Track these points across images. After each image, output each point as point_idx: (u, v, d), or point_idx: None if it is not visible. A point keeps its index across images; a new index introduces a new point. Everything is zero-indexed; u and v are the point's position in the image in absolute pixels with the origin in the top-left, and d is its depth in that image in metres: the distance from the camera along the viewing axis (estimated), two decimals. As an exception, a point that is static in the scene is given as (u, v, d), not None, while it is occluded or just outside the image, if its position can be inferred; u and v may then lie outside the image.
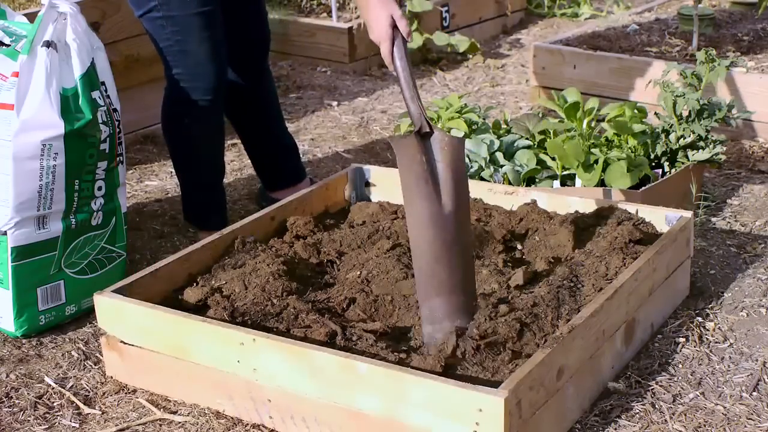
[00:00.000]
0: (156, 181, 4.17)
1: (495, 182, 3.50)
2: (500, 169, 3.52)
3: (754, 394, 2.67)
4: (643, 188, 3.36)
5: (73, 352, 2.99)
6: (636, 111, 3.70)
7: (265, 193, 3.89)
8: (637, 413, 2.61)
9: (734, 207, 3.75)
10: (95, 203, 3.13)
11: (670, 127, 3.64)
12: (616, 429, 2.56)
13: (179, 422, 2.65)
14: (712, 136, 3.64)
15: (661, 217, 3.11)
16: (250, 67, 3.63)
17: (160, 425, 2.65)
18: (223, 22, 3.38)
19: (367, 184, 3.56)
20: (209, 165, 3.54)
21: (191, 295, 2.86)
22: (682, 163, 3.57)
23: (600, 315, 2.62)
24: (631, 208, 3.16)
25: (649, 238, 3.01)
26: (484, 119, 3.75)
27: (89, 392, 2.81)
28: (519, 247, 3.08)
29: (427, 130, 2.68)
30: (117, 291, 2.80)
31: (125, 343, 2.78)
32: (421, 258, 2.63)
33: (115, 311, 2.76)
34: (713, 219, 3.65)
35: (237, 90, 3.63)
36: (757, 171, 4.05)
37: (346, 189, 3.54)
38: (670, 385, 2.72)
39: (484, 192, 3.35)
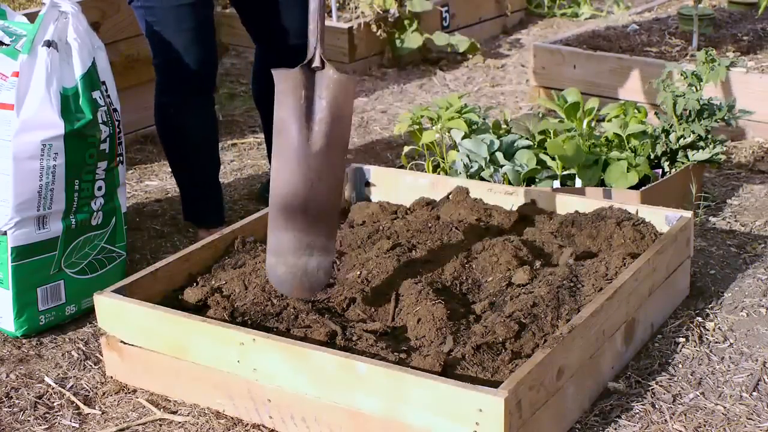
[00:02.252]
0: (156, 181, 4.17)
1: (495, 182, 3.50)
2: (500, 169, 3.53)
3: (754, 394, 2.67)
4: (643, 188, 3.36)
5: (73, 352, 2.99)
6: (636, 111, 3.70)
7: (267, 190, 3.89)
8: (637, 413, 2.61)
9: (734, 207, 3.75)
10: (95, 203, 3.13)
11: (670, 127, 3.64)
12: (616, 429, 2.56)
13: (179, 422, 2.65)
14: (712, 136, 3.64)
15: (661, 217, 3.11)
16: (285, 55, 3.63)
17: (160, 425, 2.65)
18: (257, 11, 3.37)
19: (367, 184, 3.56)
20: (201, 157, 3.53)
21: (191, 295, 2.86)
22: (682, 163, 3.57)
23: (600, 315, 2.62)
24: (631, 208, 3.16)
25: (649, 238, 3.01)
26: (484, 119, 3.75)
27: (89, 392, 2.81)
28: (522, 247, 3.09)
29: (318, 64, 2.65)
30: (117, 291, 2.80)
31: (125, 343, 2.78)
32: (277, 189, 2.63)
33: (115, 311, 2.76)
34: (713, 219, 3.65)
35: (268, 73, 3.65)
36: (757, 171, 4.05)
37: (346, 189, 3.54)
38: (670, 385, 2.72)
39: (484, 192, 3.35)
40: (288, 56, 3.60)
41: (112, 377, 2.85)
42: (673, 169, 3.56)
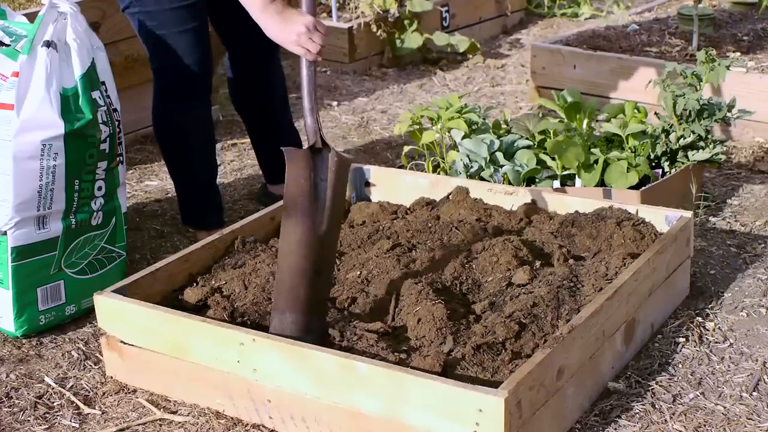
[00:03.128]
0: (156, 181, 4.17)
1: (495, 182, 3.50)
2: (500, 169, 3.53)
3: (754, 394, 2.67)
4: (643, 188, 3.36)
5: (73, 352, 2.99)
6: (636, 111, 3.70)
7: (266, 190, 3.89)
8: (637, 413, 2.61)
9: (734, 207, 3.75)
10: (95, 203, 3.13)
11: (670, 127, 3.64)
12: (616, 429, 2.56)
13: (179, 422, 2.65)
14: (712, 136, 3.63)
15: (661, 217, 3.11)
16: (261, 58, 3.64)
17: (160, 425, 2.65)
18: (232, 13, 3.38)
19: (367, 184, 3.56)
20: (199, 159, 3.53)
21: (191, 295, 2.86)
22: (682, 163, 3.57)
23: (600, 315, 2.62)
24: (631, 208, 3.16)
25: (649, 238, 3.01)
26: (484, 119, 3.75)
27: (89, 392, 2.81)
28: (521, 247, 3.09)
29: (320, 146, 2.68)
30: (117, 291, 2.80)
31: (125, 343, 2.78)
32: (285, 272, 2.64)
33: (115, 311, 2.76)
34: (713, 219, 3.65)
35: (246, 80, 3.65)
36: (757, 171, 4.05)
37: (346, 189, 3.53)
38: (670, 385, 2.72)
39: (484, 192, 3.35)
40: (260, 58, 3.62)
41: (112, 377, 2.85)
42: (673, 169, 3.56)
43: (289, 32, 2.74)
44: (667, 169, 3.58)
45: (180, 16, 3.28)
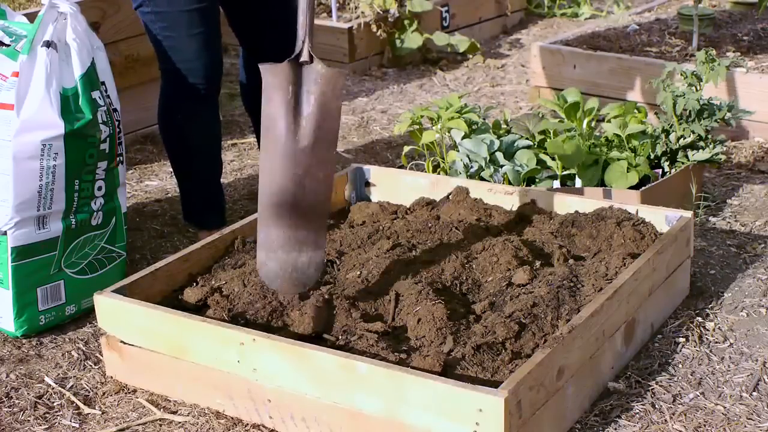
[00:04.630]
0: (156, 181, 4.17)
1: (495, 182, 3.50)
2: (500, 169, 3.53)
3: (754, 394, 2.67)
4: (643, 188, 3.36)
5: (73, 352, 2.99)
6: (636, 111, 3.70)
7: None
8: (637, 413, 2.61)
9: (734, 207, 3.75)
10: (95, 203, 3.13)
11: (670, 127, 3.64)
12: (616, 429, 2.56)
13: (179, 422, 2.65)
14: (712, 136, 3.63)
15: (661, 217, 3.11)
16: (273, 59, 3.62)
17: (160, 425, 2.65)
18: (250, 14, 3.37)
19: (367, 184, 3.56)
20: (204, 161, 3.53)
21: (191, 295, 2.86)
22: (682, 163, 3.57)
23: (600, 315, 2.62)
24: (631, 208, 3.16)
25: (649, 238, 3.01)
26: (484, 119, 3.75)
27: (89, 392, 2.81)
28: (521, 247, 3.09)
29: (306, 59, 2.64)
30: (117, 291, 2.80)
31: (125, 343, 2.78)
32: (266, 186, 2.63)
33: (115, 311, 2.76)
34: (713, 219, 3.65)
35: (257, 81, 3.64)
36: (757, 171, 4.05)
37: (346, 189, 3.54)
38: (670, 385, 2.72)
39: (484, 192, 3.35)
40: (273, 59, 3.60)
41: (112, 377, 2.85)
42: (673, 169, 3.56)
43: None
44: (667, 169, 3.58)
45: (192, 18, 3.26)
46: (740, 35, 5.10)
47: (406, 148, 3.87)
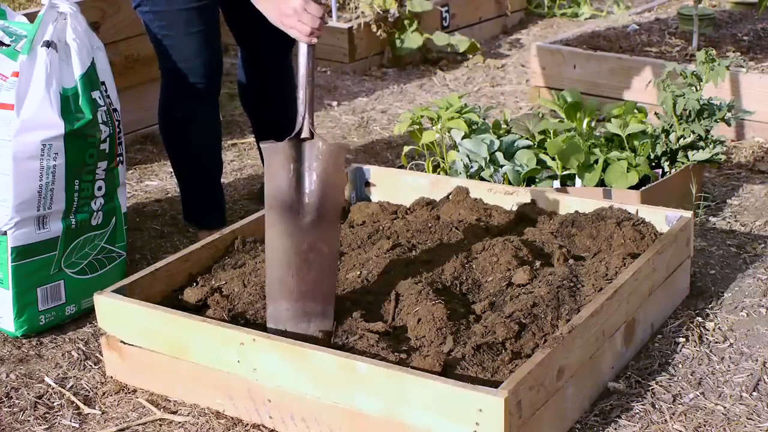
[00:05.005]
0: (156, 181, 4.17)
1: (495, 182, 3.50)
2: (500, 169, 3.53)
3: (754, 394, 2.67)
4: (643, 188, 3.36)
5: (73, 352, 2.99)
6: (636, 111, 3.70)
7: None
8: (637, 413, 2.61)
9: (734, 207, 3.75)
10: (95, 203, 3.13)
11: (670, 127, 3.64)
12: (616, 429, 2.56)
13: (179, 422, 2.65)
14: (712, 136, 3.63)
15: (661, 217, 3.11)
16: (275, 60, 3.63)
17: (160, 425, 2.65)
18: (248, 14, 3.37)
19: (367, 184, 3.56)
20: (204, 161, 3.53)
21: (191, 295, 2.86)
22: (682, 163, 3.57)
23: (600, 315, 2.62)
24: (631, 208, 3.16)
25: (649, 238, 3.01)
26: (484, 119, 3.75)
27: (89, 392, 2.81)
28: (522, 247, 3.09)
29: (307, 135, 2.68)
30: (117, 291, 2.80)
31: (125, 343, 2.78)
32: (272, 262, 2.67)
33: (115, 311, 2.76)
34: (713, 219, 3.65)
35: (258, 81, 3.64)
36: (757, 171, 4.05)
37: (346, 189, 3.53)
38: (670, 385, 2.72)
39: (484, 192, 3.35)
40: (273, 59, 3.61)
41: (112, 377, 2.85)
42: (673, 169, 3.56)
43: (279, 12, 2.73)
44: (667, 169, 3.58)
45: (190, 17, 3.27)
46: (740, 35, 5.10)
47: (406, 148, 3.86)
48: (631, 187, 3.39)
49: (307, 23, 2.69)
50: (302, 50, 2.69)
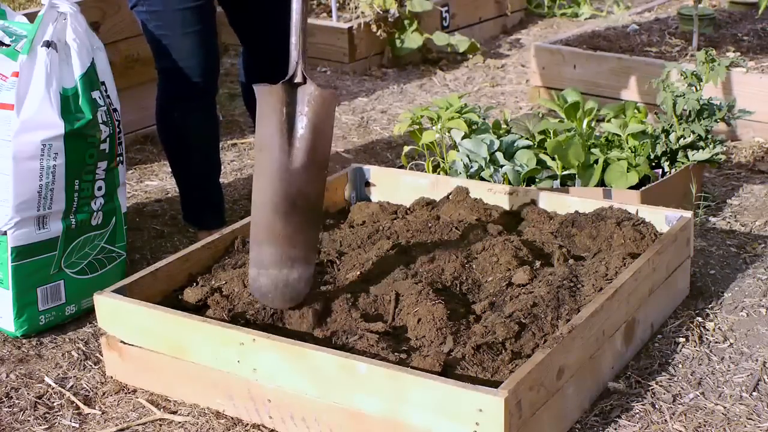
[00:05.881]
0: (156, 181, 4.17)
1: (495, 182, 3.50)
2: (500, 169, 3.53)
3: (754, 394, 2.67)
4: (643, 188, 3.36)
5: (73, 352, 2.99)
6: (636, 111, 3.70)
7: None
8: (637, 413, 2.61)
9: (734, 207, 3.75)
10: (95, 203, 3.13)
11: (670, 127, 3.64)
12: (616, 429, 2.56)
13: (179, 422, 2.65)
14: (712, 136, 3.63)
15: (661, 217, 3.11)
16: (278, 59, 3.62)
17: (160, 425, 2.65)
18: (251, 14, 3.39)
19: (367, 184, 3.56)
20: (202, 160, 3.53)
21: (191, 295, 2.86)
22: (682, 163, 3.57)
23: (600, 315, 2.62)
24: (631, 208, 3.16)
25: (649, 238, 3.01)
26: (484, 119, 3.75)
27: (89, 392, 2.81)
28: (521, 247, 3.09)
29: (300, 80, 2.68)
30: (117, 291, 2.80)
31: (125, 343, 2.78)
32: (259, 205, 2.69)
33: (115, 311, 2.76)
34: (713, 219, 3.65)
35: (258, 80, 3.63)
36: (757, 171, 4.05)
37: (346, 189, 3.54)
38: (670, 385, 2.72)
39: (484, 192, 3.35)
40: (274, 58, 3.60)
41: (112, 377, 2.85)
42: (673, 169, 3.56)
43: None
44: (667, 169, 3.58)
45: (186, 17, 3.27)
46: (740, 35, 5.10)
47: (406, 148, 3.87)
48: (631, 187, 3.39)
49: None
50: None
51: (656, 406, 2.63)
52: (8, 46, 3.02)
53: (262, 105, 2.68)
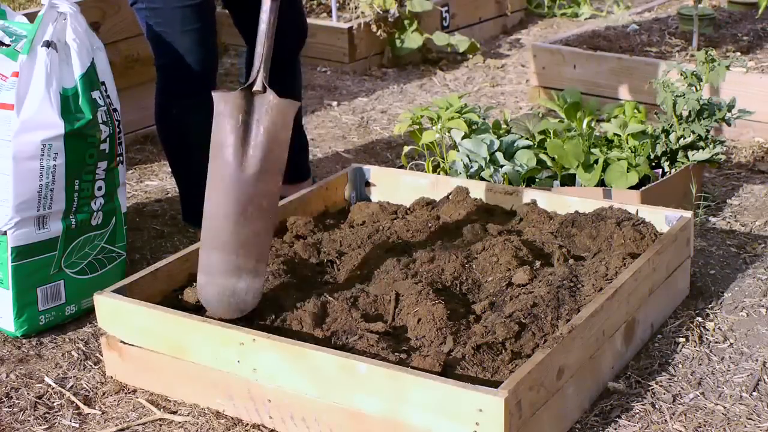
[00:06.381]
0: (156, 181, 4.18)
1: (495, 182, 3.50)
2: (500, 169, 3.53)
3: (754, 394, 2.67)
4: (643, 188, 3.36)
5: (73, 352, 2.99)
6: (636, 111, 3.70)
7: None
8: (637, 413, 2.61)
9: (734, 207, 3.75)
10: (95, 203, 3.13)
11: (670, 127, 3.64)
12: (616, 429, 2.56)
13: (179, 422, 2.65)
14: (712, 136, 3.63)
15: (661, 217, 3.11)
16: (283, 58, 3.63)
17: (160, 425, 2.65)
18: (255, 13, 3.38)
19: (367, 184, 3.56)
20: (200, 159, 3.52)
21: (191, 295, 2.86)
22: (682, 163, 3.57)
23: (600, 315, 2.62)
24: (631, 208, 3.16)
25: (649, 238, 3.01)
26: (484, 119, 3.75)
27: (89, 392, 2.81)
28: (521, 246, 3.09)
29: (259, 88, 2.68)
30: (117, 291, 2.80)
31: (125, 343, 2.78)
32: (210, 211, 2.70)
33: (115, 311, 2.76)
34: (713, 219, 3.65)
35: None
36: (757, 171, 4.05)
37: (346, 189, 3.54)
38: (670, 385, 2.72)
39: (484, 192, 3.35)
40: (277, 58, 3.60)
41: (112, 377, 2.85)
42: (673, 169, 3.56)
43: None
44: (667, 169, 3.58)
45: (186, 15, 3.28)
46: (740, 35, 5.10)
47: (406, 148, 3.87)
48: (631, 187, 3.39)
49: None
50: (265, 6, 2.70)
51: (656, 406, 2.63)
52: (8, 46, 3.02)
53: (219, 111, 2.69)
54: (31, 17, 3.22)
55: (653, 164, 3.59)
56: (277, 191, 2.71)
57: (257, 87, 2.69)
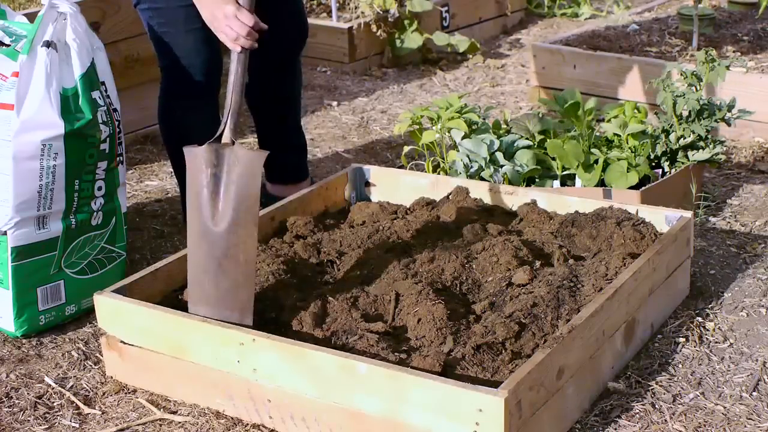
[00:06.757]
0: (156, 181, 4.18)
1: (495, 182, 3.50)
2: (500, 169, 3.53)
3: (754, 394, 2.67)
4: (643, 188, 3.36)
5: (73, 352, 2.99)
6: (636, 111, 3.70)
7: (265, 190, 3.89)
8: (637, 413, 2.61)
9: (734, 207, 3.75)
10: (95, 203, 3.13)
11: (670, 127, 3.64)
12: (616, 429, 2.56)
13: (179, 422, 2.65)
14: (712, 136, 3.63)
15: (661, 217, 3.11)
16: (284, 57, 3.63)
17: (160, 425, 2.65)
18: (260, 11, 3.40)
19: (367, 184, 3.56)
20: None
21: (191, 295, 2.86)
22: (682, 163, 3.57)
23: (600, 315, 2.62)
24: (631, 208, 3.16)
25: (649, 238, 3.01)
26: (484, 119, 3.75)
27: (89, 392, 2.81)
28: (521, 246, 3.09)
29: (227, 141, 2.71)
30: (117, 291, 2.80)
31: (125, 343, 2.78)
32: (192, 266, 2.72)
33: (115, 311, 2.76)
34: (713, 219, 3.65)
35: (267, 78, 3.64)
36: (757, 171, 4.05)
37: (346, 189, 3.54)
38: (670, 385, 2.72)
39: (484, 192, 3.35)
40: (279, 59, 3.61)
41: (112, 377, 2.85)
42: (673, 169, 3.56)
43: (211, 15, 2.93)
44: (667, 169, 3.58)
45: (189, 14, 3.27)
46: (740, 35, 5.10)
47: (406, 148, 3.87)
48: (631, 187, 3.39)
49: (234, 29, 2.85)
50: (233, 57, 2.79)
51: (656, 406, 2.63)
52: (8, 46, 3.02)
53: (189, 166, 2.72)
54: (31, 17, 3.22)
55: (653, 164, 3.59)
56: (253, 242, 2.70)
57: (225, 140, 2.71)
